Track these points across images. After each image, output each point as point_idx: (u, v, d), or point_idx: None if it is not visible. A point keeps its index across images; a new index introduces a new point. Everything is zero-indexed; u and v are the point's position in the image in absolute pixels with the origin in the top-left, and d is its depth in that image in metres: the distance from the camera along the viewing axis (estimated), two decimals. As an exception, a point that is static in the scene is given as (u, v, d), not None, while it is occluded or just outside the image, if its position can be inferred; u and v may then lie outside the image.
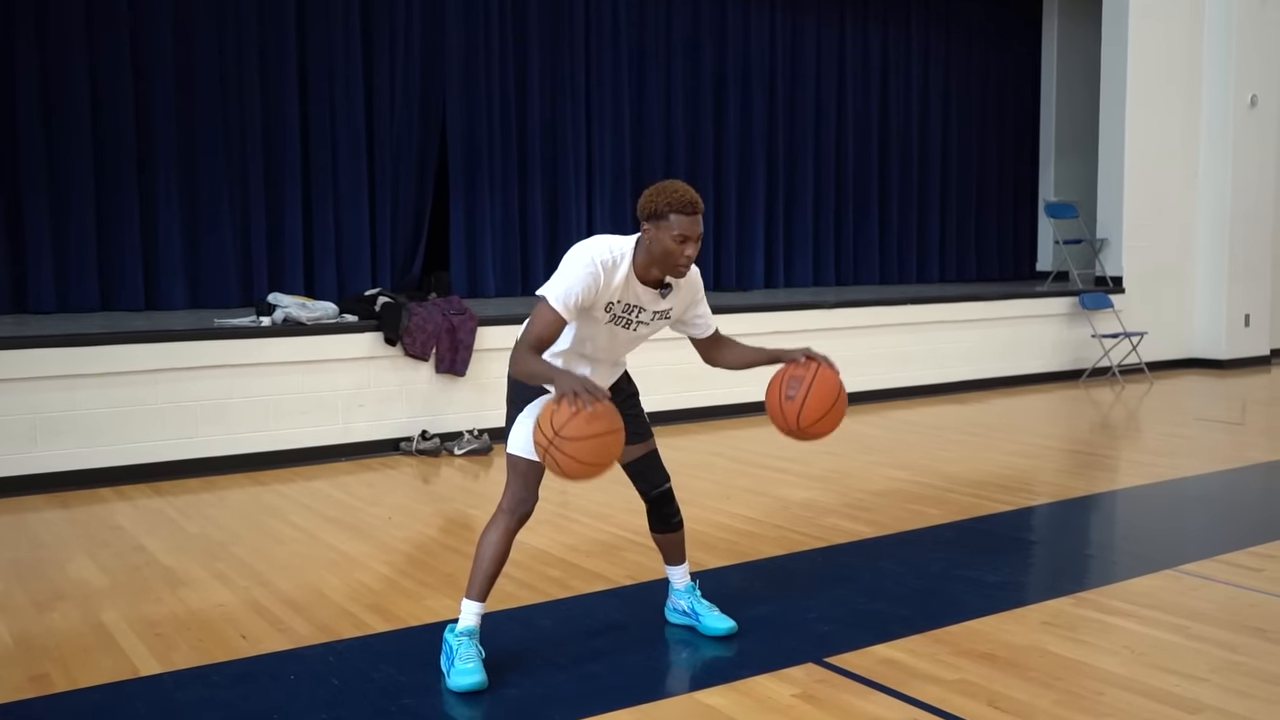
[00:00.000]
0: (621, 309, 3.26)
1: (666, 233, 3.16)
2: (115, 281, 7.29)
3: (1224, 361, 10.81)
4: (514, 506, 3.33)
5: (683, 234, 3.16)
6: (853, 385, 9.24)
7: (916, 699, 3.12)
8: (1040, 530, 5.28)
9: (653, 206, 3.18)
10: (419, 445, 6.70)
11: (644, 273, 3.25)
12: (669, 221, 3.16)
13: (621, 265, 3.21)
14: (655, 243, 3.19)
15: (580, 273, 3.15)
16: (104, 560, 4.56)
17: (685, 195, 3.18)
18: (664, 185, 3.22)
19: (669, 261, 3.20)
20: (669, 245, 3.17)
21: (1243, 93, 10.75)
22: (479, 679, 3.18)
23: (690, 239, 3.17)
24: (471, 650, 3.24)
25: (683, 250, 3.17)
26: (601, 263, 3.18)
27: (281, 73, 7.75)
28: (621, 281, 3.21)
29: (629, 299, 3.26)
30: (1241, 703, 3.09)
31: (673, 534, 3.66)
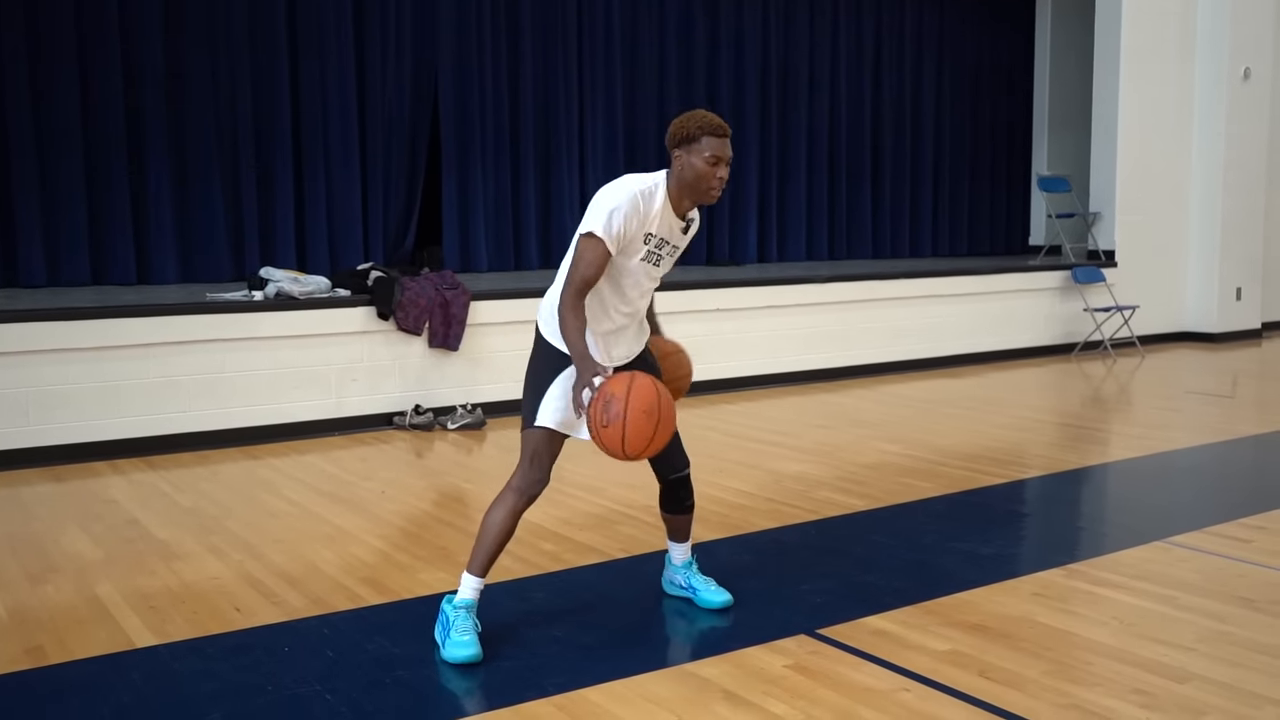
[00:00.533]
0: (655, 244, 3.25)
1: (698, 155, 3.16)
2: (106, 256, 7.27)
3: (1215, 335, 10.85)
4: (525, 487, 3.30)
5: (715, 155, 3.17)
6: (845, 359, 9.31)
7: (908, 669, 3.14)
8: (1032, 503, 5.31)
9: (684, 131, 3.18)
10: (412, 420, 6.70)
11: (677, 203, 3.24)
12: (700, 144, 3.17)
13: (658, 194, 3.20)
14: (687, 168, 3.18)
15: (622, 202, 3.14)
16: (98, 534, 4.56)
17: (714, 119, 3.20)
18: (691, 113, 3.24)
19: (701, 185, 3.19)
20: (701, 168, 3.17)
21: (1236, 66, 10.74)
22: (473, 651, 3.19)
23: (722, 160, 3.18)
24: (468, 623, 3.25)
25: (715, 172, 3.17)
26: (641, 192, 3.17)
27: (272, 45, 7.70)
28: (659, 211, 3.20)
29: (662, 233, 3.24)
30: (1229, 671, 3.12)
31: (684, 515, 3.67)
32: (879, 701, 2.95)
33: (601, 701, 2.97)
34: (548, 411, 3.27)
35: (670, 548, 3.75)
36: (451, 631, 3.24)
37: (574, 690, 3.02)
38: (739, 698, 2.98)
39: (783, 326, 8.45)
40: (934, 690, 3.01)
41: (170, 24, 7.36)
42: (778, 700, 2.96)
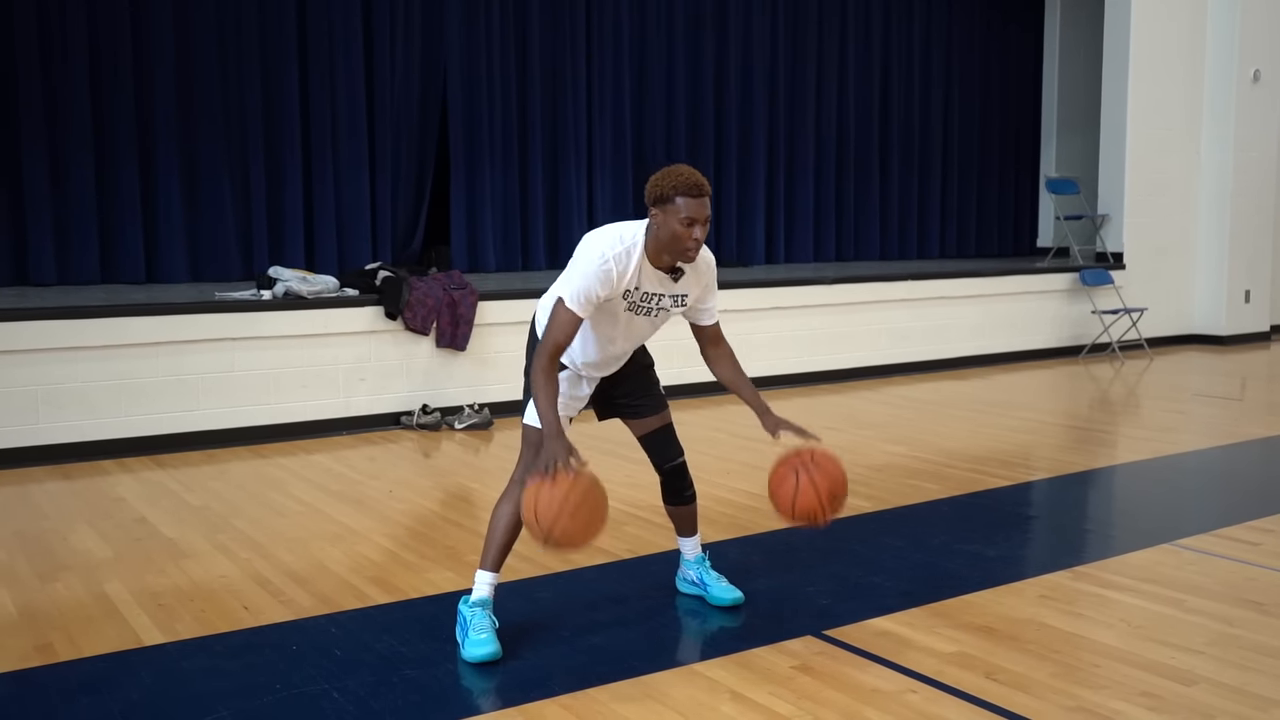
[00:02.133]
0: (640, 297, 3.26)
1: (674, 216, 3.14)
2: (116, 254, 7.29)
3: (1224, 337, 10.82)
4: (526, 479, 3.33)
5: (690, 217, 3.13)
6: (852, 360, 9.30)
7: (914, 671, 3.14)
8: (1039, 505, 5.30)
9: (659, 191, 3.17)
10: (419, 419, 6.71)
11: (656, 259, 3.23)
12: (675, 205, 3.14)
13: (634, 254, 3.20)
14: (663, 227, 3.17)
15: (593, 269, 3.15)
16: (106, 531, 4.58)
17: (691, 178, 3.16)
18: (669, 170, 3.20)
19: (677, 246, 3.18)
20: (676, 229, 3.15)
21: (1246, 67, 10.71)
22: (493, 649, 3.20)
23: (698, 221, 3.15)
24: (485, 621, 3.27)
25: (690, 233, 3.15)
26: (614, 256, 3.17)
27: (281, 45, 7.72)
28: (635, 270, 3.21)
29: (646, 287, 3.25)
30: (1237, 675, 3.11)
31: (685, 507, 3.69)
32: (885, 703, 2.95)
33: (608, 702, 2.97)
34: (533, 411, 3.34)
35: (680, 544, 3.77)
36: (470, 630, 3.26)
37: (581, 690, 3.03)
38: (746, 698, 2.98)
39: (789, 328, 8.44)
40: (940, 692, 3.01)
41: (180, 24, 7.38)
42: (784, 701, 2.96)
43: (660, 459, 3.61)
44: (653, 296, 3.28)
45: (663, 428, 3.58)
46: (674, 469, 3.61)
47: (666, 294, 3.30)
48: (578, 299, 3.15)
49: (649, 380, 3.57)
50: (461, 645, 3.28)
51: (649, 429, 3.56)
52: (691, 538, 3.75)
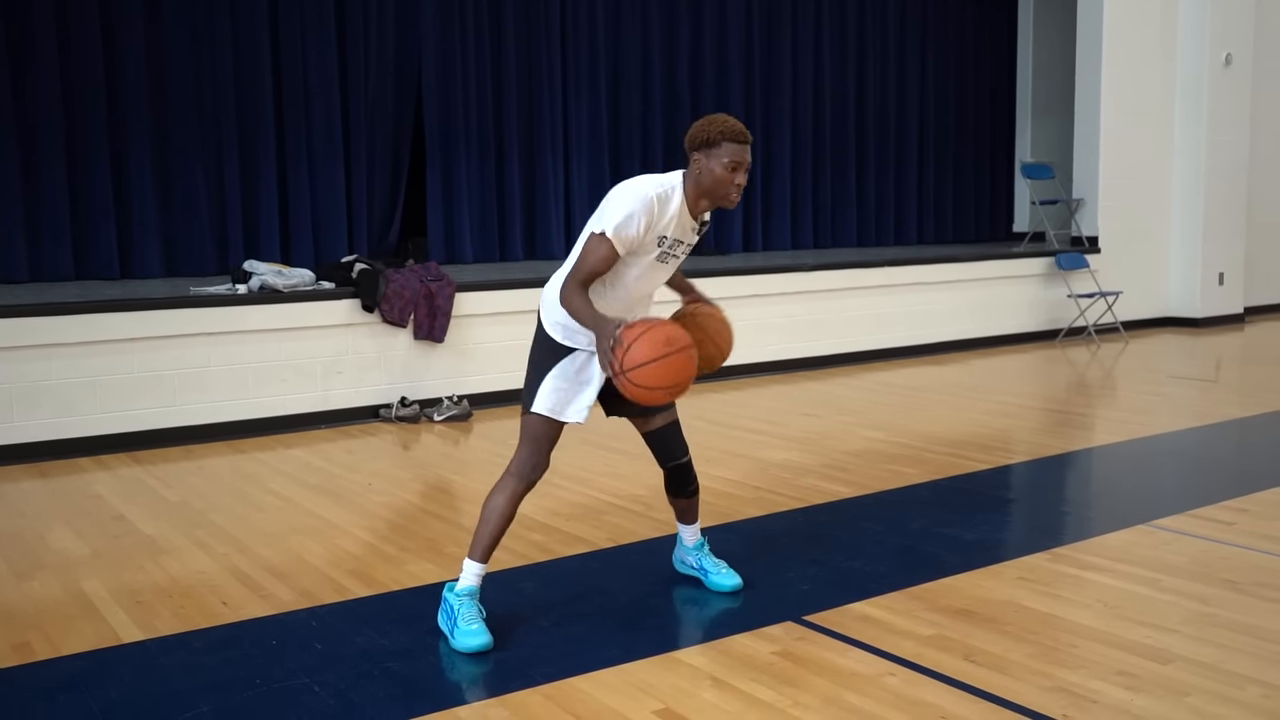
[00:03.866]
0: (669, 245, 3.27)
1: (718, 160, 3.17)
2: (89, 250, 7.23)
3: (1198, 320, 10.90)
4: (524, 472, 3.34)
5: (735, 161, 3.17)
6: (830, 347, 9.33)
7: (894, 654, 3.16)
8: (1017, 488, 5.33)
9: (705, 135, 3.19)
10: (398, 412, 6.69)
11: (694, 205, 3.25)
12: (720, 149, 3.17)
13: (674, 198, 3.21)
14: (706, 172, 3.19)
15: (637, 207, 3.14)
16: (84, 529, 4.55)
17: (736, 125, 3.21)
18: (713, 117, 3.24)
19: (719, 190, 3.20)
20: (720, 173, 3.17)
21: (1218, 52, 10.77)
22: (484, 640, 3.21)
23: (742, 166, 3.18)
24: (473, 610, 3.27)
25: (733, 178, 3.18)
26: (657, 196, 3.18)
27: (254, 36, 7.66)
28: (675, 214, 3.22)
29: (677, 234, 3.26)
30: (1212, 652, 3.14)
31: (688, 499, 3.71)
32: (865, 686, 2.96)
33: (590, 690, 2.98)
34: (544, 397, 3.32)
35: (680, 529, 3.80)
36: (459, 620, 3.25)
37: (562, 680, 3.03)
38: (727, 685, 2.99)
39: (768, 315, 8.45)
40: (919, 674, 3.03)
41: (151, 15, 7.31)
42: (765, 687, 2.97)
43: (666, 457, 3.58)
44: (678, 244, 3.30)
45: (669, 425, 3.55)
46: (679, 466, 3.60)
47: (685, 242, 3.32)
48: (619, 231, 3.13)
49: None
50: (450, 635, 3.27)
51: (655, 425, 3.54)
52: (693, 525, 3.78)
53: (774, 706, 2.86)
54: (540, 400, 3.32)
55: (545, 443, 3.35)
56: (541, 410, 3.31)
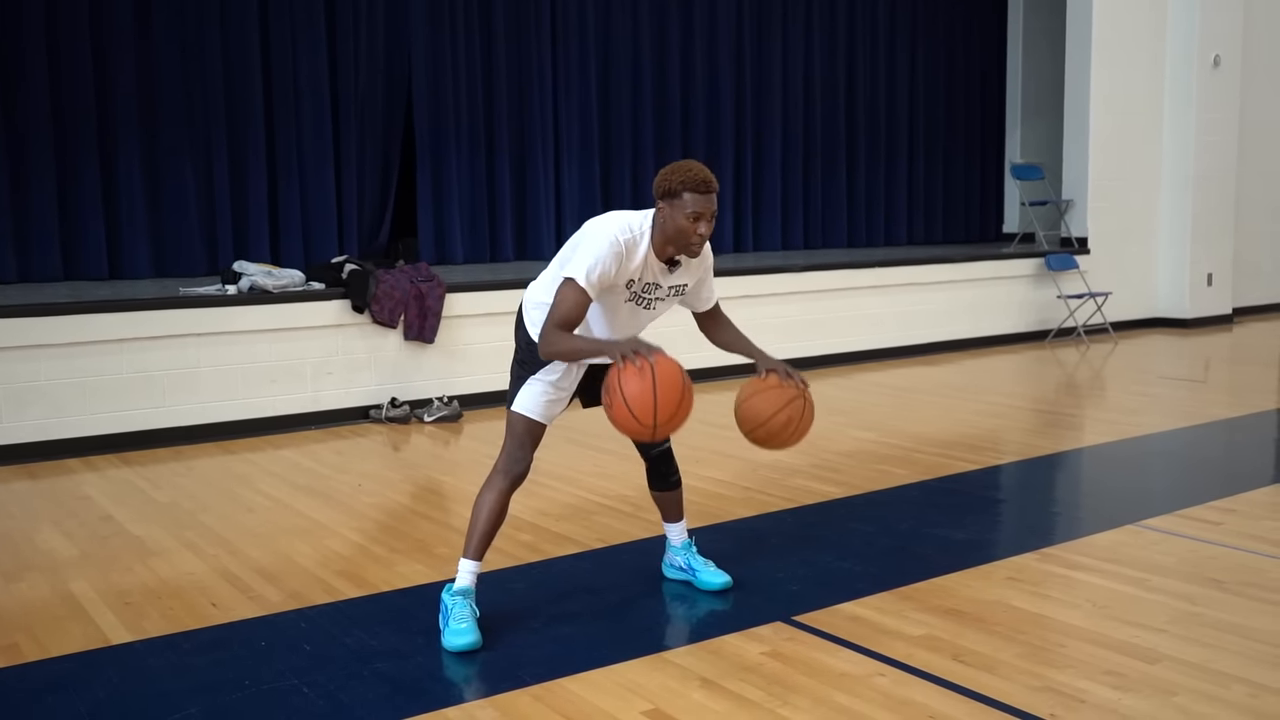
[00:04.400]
0: (641, 287, 3.30)
1: (680, 211, 3.19)
2: (78, 251, 7.20)
3: (1187, 320, 10.94)
4: (508, 467, 3.38)
5: (696, 212, 3.19)
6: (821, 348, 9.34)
7: (883, 654, 3.17)
8: (1006, 488, 5.35)
9: (667, 185, 3.21)
10: (388, 413, 6.69)
11: (660, 250, 3.28)
12: (683, 200, 3.18)
13: (642, 243, 3.24)
14: (669, 221, 3.22)
15: (604, 251, 3.17)
16: (72, 530, 4.54)
17: (699, 174, 3.21)
18: (678, 165, 3.26)
19: (682, 240, 3.22)
20: (682, 224, 3.20)
21: (1206, 53, 10.81)
22: (472, 639, 3.22)
23: (704, 217, 3.20)
24: (465, 610, 3.29)
25: (695, 228, 3.20)
26: (625, 241, 3.21)
27: (243, 36, 7.64)
28: (642, 259, 3.25)
29: (648, 277, 3.30)
30: (1199, 652, 3.16)
31: (670, 492, 3.74)
32: (854, 687, 2.97)
33: (579, 691, 2.98)
34: (526, 398, 3.38)
35: (666, 530, 3.81)
36: (450, 620, 3.27)
37: (551, 680, 3.03)
38: (716, 685, 3.00)
39: (758, 316, 8.44)
40: (909, 675, 3.04)
41: (140, 15, 7.29)
42: (754, 687, 2.98)
43: (647, 446, 3.62)
44: (653, 287, 3.33)
45: None
46: (660, 455, 3.66)
47: (664, 284, 3.35)
48: (589, 276, 3.16)
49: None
50: (442, 634, 3.28)
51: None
52: (677, 523, 3.79)
53: (763, 707, 2.86)
54: (521, 400, 3.39)
55: (528, 439, 3.39)
56: (522, 410, 3.38)
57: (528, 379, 3.40)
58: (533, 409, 3.38)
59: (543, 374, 3.38)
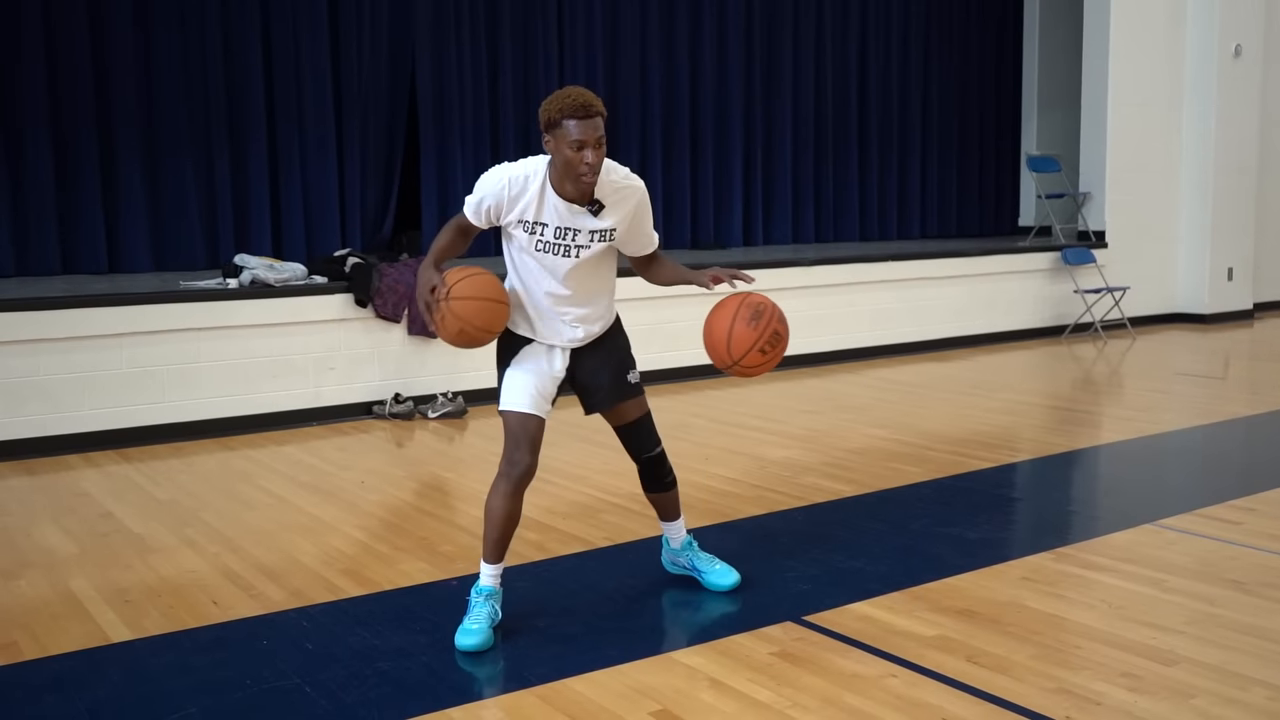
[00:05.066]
0: (551, 233, 3.24)
1: (564, 141, 3.11)
2: (76, 244, 7.22)
3: (1207, 316, 10.91)
4: (506, 469, 3.36)
5: (579, 140, 3.09)
6: (832, 344, 9.33)
7: (895, 655, 3.17)
8: (1021, 487, 5.34)
9: (547, 116, 3.15)
10: (392, 408, 6.70)
11: (560, 188, 3.22)
12: (564, 128, 3.11)
13: (533, 181, 3.22)
14: (556, 154, 3.16)
15: (489, 180, 3.27)
16: (71, 528, 4.55)
17: (578, 98, 3.12)
18: (558, 93, 3.18)
19: (571, 171, 3.15)
20: (568, 154, 3.12)
21: (1227, 42, 10.77)
22: (476, 641, 3.23)
23: (588, 144, 3.10)
24: (483, 611, 3.30)
25: (581, 157, 3.11)
26: (510, 178, 3.23)
27: (244, 27, 7.64)
28: (535, 199, 3.21)
29: (553, 220, 3.23)
30: (1217, 654, 3.15)
31: (665, 493, 3.67)
32: (865, 688, 2.97)
33: (585, 691, 2.98)
34: (508, 393, 3.39)
35: (664, 529, 3.78)
36: (465, 619, 3.29)
37: (558, 680, 3.04)
38: (725, 686, 3.00)
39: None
40: (921, 676, 3.04)
41: (140, 6, 7.30)
42: (763, 688, 2.98)
43: (638, 450, 3.58)
44: (566, 232, 3.25)
45: (639, 419, 3.55)
46: (652, 459, 3.60)
47: (584, 229, 3.26)
48: (469, 204, 3.31)
49: (623, 368, 3.53)
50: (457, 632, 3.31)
51: (625, 419, 3.54)
52: (675, 521, 3.74)
53: (772, 708, 2.87)
54: (505, 396, 3.39)
55: (522, 435, 3.33)
56: (508, 407, 3.37)
57: (505, 371, 3.41)
58: (518, 401, 3.34)
59: (515, 362, 3.39)
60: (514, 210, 3.23)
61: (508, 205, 3.23)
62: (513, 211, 3.24)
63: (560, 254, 3.28)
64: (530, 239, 3.26)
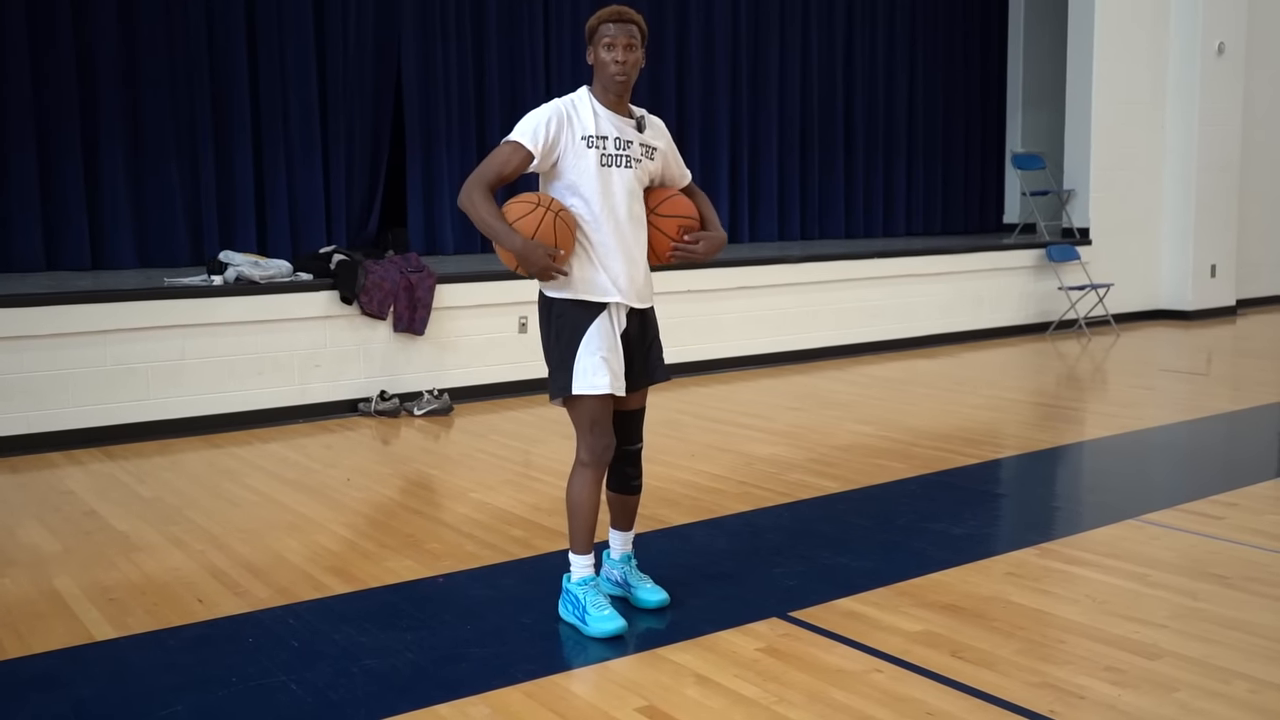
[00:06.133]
0: (611, 144, 3.32)
1: (599, 44, 3.32)
2: (60, 240, 7.18)
3: (1190, 312, 10.97)
4: (593, 457, 3.34)
5: (609, 40, 3.28)
6: (819, 340, 9.35)
7: (880, 650, 3.18)
8: (1006, 483, 5.37)
9: (588, 28, 3.36)
10: (378, 406, 6.69)
11: (603, 97, 3.36)
12: (599, 32, 3.32)
13: (580, 102, 3.35)
14: (596, 61, 3.33)
15: (544, 113, 3.31)
16: (55, 525, 4.54)
17: (614, 7, 3.35)
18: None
19: (604, 72, 3.31)
20: (601, 55, 3.30)
21: (1210, 40, 10.83)
22: (619, 624, 3.29)
23: (617, 44, 3.28)
24: (599, 597, 3.34)
25: (613, 56, 3.28)
26: (559, 103, 3.35)
27: (229, 20, 7.61)
28: (589, 114, 3.32)
29: (610, 131, 3.33)
30: (1200, 647, 3.17)
31: (630, 496, 3.59)
32: (851, 683, 2.98)
33: (572, 688, 2.99)
34: (585, 374, 3.27)
35: (610, 538, 3.65)
36: (589, 608, 3.31)
37: (544, 677, 3.04)
38: (711, 681, 3.01)
39: (755, 308, 8.47)
40: (906, 671, 3.05)
41: (124, 5, 7.26)
42: (749, 684, 2.99)
43: (626, 439, 3.52)
44: (623, 143, 3.34)
45: (642, 408, 3.56)
46: (630, 453, 3.53)
47: (636, 141, 3.37)
48: (524, 132, 3.29)
49: (661, 348, 3.54)
50: (581, 622, 3.32)
51: (635, 405, 3.49)
52: (625, 533, 3.64)
53: (758, 703, 2.88)
54: (579, 377, 3.27)
55: (603, 419, 3.31)
56: (586, 390, 3.26)
57: (575, 352, 3.27)
58: (597, 382, 3.25)
59: (586, 339, 3.27)
60: (575, 127, 3.30)
61: (568, 124, 3.29)
62: (574, 128, 3.30)
63: (624, 165, 3.34)
64: (595, 154, 3.30)
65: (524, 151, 3.29)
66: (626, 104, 3.40)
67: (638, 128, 3.38)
